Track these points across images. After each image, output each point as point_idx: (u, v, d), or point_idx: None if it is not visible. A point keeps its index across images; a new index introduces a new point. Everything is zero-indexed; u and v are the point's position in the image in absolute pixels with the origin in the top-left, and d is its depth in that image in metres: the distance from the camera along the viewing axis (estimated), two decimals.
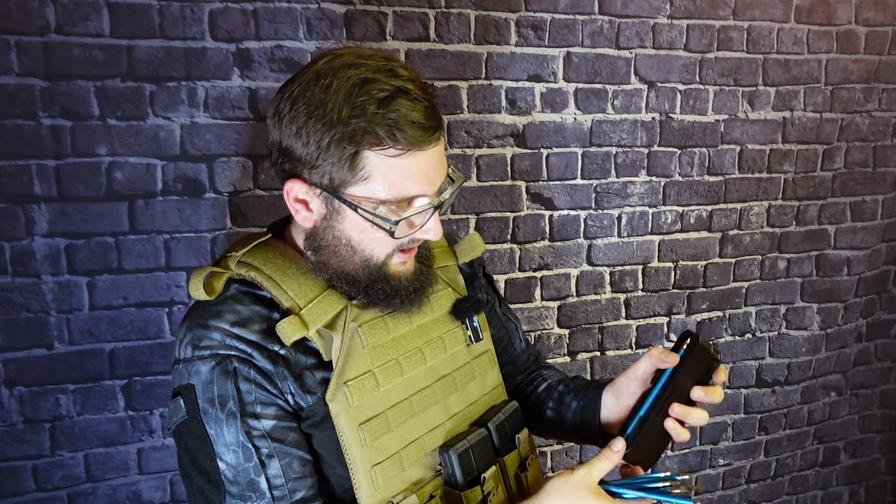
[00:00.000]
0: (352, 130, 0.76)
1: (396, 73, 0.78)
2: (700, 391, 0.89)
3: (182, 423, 0.81)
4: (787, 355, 2.13)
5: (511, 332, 1.12)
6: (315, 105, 0.77)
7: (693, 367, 0.89)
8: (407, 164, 0.77)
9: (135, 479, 1.55)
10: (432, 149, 0.79)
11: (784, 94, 1.93)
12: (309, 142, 0.78)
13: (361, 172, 0.77)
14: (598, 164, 1.80)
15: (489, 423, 0.92)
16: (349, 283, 0.84)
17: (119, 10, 1.37)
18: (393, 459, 0.84)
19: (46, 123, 1.37)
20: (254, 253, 0.86)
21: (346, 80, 0.76)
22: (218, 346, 0.80)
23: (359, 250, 0.82)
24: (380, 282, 0.84)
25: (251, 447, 0.79)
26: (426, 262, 0.91)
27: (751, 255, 2.02)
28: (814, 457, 2.28)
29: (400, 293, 0.85)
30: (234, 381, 0.79)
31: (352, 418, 0.82)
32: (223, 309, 0.82)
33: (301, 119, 0.78)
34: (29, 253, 1.40)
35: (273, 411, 0.80)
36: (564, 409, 1.04)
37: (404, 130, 0.76)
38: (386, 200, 0.78)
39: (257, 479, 0.79)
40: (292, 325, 0.80)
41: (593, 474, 0.83)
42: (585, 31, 1.71)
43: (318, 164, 0.78)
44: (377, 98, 0.76)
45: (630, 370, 0.93)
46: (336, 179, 0.78)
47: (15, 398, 1.44)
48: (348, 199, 0.79)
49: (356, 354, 0.84)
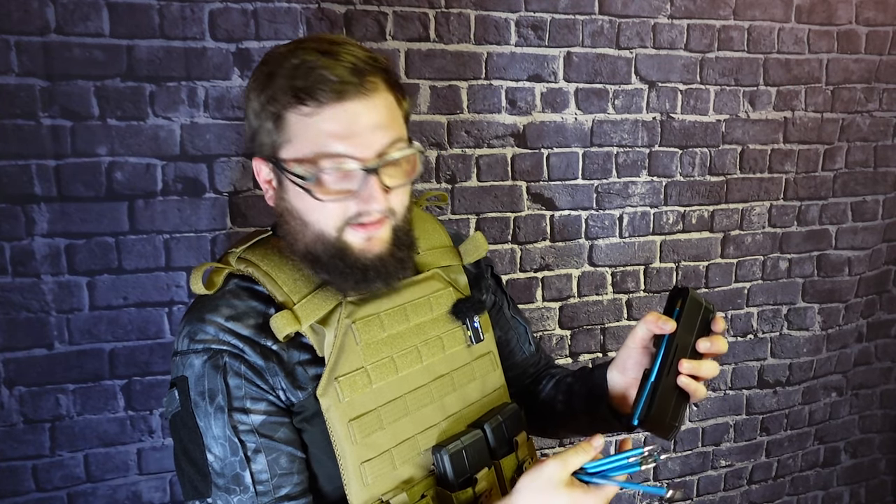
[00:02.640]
0: (273, 93, 0.78)
1: (334, 42, 0.80)
2: (706, 342, 0.86)
3: (176, 413, 0.82)
4: (789, 356, 2.13)
5: (520, 336, 1.11)
6: (254, 80, 0.82)
7: (690, 321, 0.86)
8: (322, 120, 0.77)
9: (135, 479, 1.55)
10: (355, 105, 0.77)
11: (785, 94, 1.93)
12: (251, 114, 0.82)
13: (286, 134, 0.79)
14: (599, 165, 1.80)
15: (486, 424, 0.92)
16: (312, 261, 0.83)
17: (119, 10, 1.37)
18: (384, 457, 0.84)
19: (46, 123, 1.36)
20: (253, 249, 0.87)
21: (282, 56, 0.80)
22: (211, 340, 0.81)
23: (308, 221, 0.81)
24: (335, 258, 0.81)
25: (237, 441, 0.79)
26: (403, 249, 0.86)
27: (752, 255, 2.02)
28: (815, 457, 2.28)
29: (356, 271, 0.82)
30: (223, 377, 0.80)
31: (342, 414, 0.82)
32: (220, 303, 0.83)
33: (248, 96, 0.83)
34: (29, 253, 1.40)
35: (263, 406, 0.81)
36: (574, 398, 1.02)
37: (319, 87, 0.76)
38: (304, 158, 0.78)
39: (242, 472, 0.79)
40: (285, 319, 0.80)
41: (568, 467, 0.78)
42: (586, 31, 1.71)
43: (258, 134, 0.81)
44: (300, 59, 0.78)
45: (629, 340, 0.90)
46: (268, 145, 0.81)
47: (15, 398, 1.44)
48: (282, 164, 0.80)
49: (349, 350, 0.84)
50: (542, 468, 0.78)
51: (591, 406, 0.98)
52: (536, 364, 1.14)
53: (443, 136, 1.64)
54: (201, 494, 0.80)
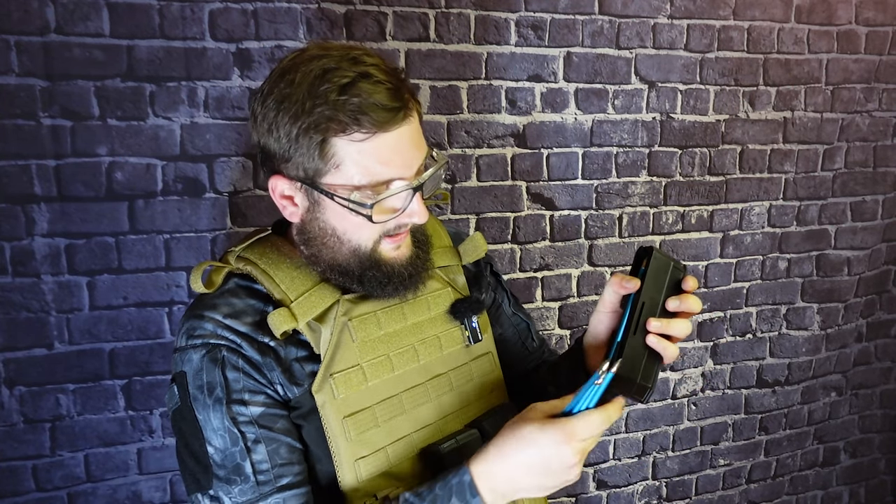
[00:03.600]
0: (316, 119, 0.77)
1: (359, 59, 0.79)
2: (675, 300, 0.85)
3: (176, 408, 0.83)
4: (788, 355, 2.13)
5: (522, 332, 1.11)
6: (281, 100, 0.79)
7: (658, 281, 0.86)
8: (375, 147, 0.78)
9: (135, 479, 1.55)
10: (400, 129, 0.79)
11: (784, 94, 1.93)
12: (280, 136, 0.79)
13: (333, 160, 0.78)
14: (598, 164, 1.80)
15: (483, 423, 0.92)
16: (342, 273, 0.85)
17: (119, 10, 1.37)
18: (379, 454, 0.85)
19: (46, 123, 1.37)
20: (252, 248, 0.88)
21: (309, 72, 0.78)
22: (209, 335, 0.82)
23: (345, 239, 0.83)
24: (372, 269, 0.84)
25: (237, 432, 0.80)
26: (423, 248, 0.91)
27: (751, 255, 2.02)
28: (814, 457, 2.28)
29: (393, 279, 0.86)
30: (221, 370, 0.81)
31: (337, 410, 0.83)
32: (219, 302, 0.84)
33: (271, 116, 0.80)
34: (29, 253, 1.40)
35: (261, 399, 0.82)
36: (560, 377, 1.03)
37: (367, 113, 0.76)
38: (360, 186, 0.79)
39: (243, 463, 0.80)
40: (282, 316, 0.82)
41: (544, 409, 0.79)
42: (586, 31, 1.71)
43: (292, 156, 0.80)
44: (339, 84, 0.77)
45: (598, 305, 0.91)
46: (310, 170, 0.80)
47: (15, 398, 1.44)
48: (324, 188, 0.80)
49: (345, 348, 0.85)
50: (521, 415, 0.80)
51: (571, 376, 0.99)
52: (539, 357, 1.14)
53: (443, 136, 1.64)
54: (203, 487, 0.81)
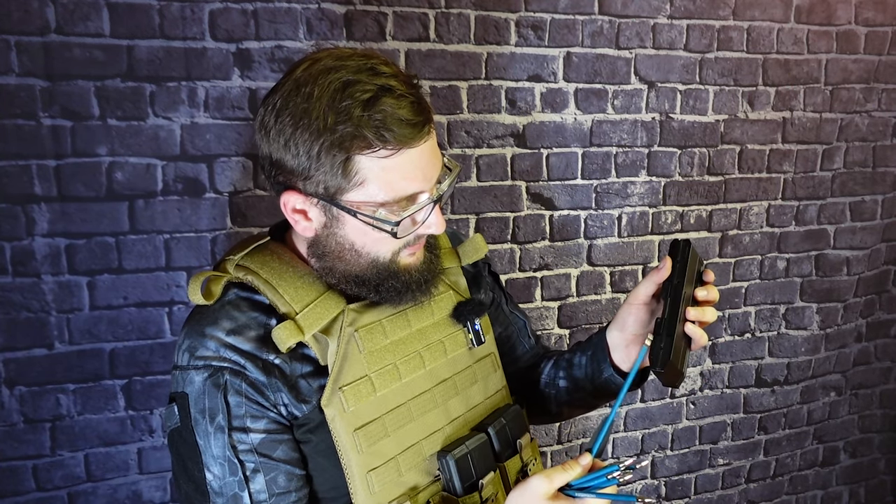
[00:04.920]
0: (340, 137, 0.74)
1: (378, 70, 0.77)
2: (703, 291, 0.89)
3: (175, 429, 0.81)
4: (787, 355, 2.13)
5: (519, 330, 1.11)
6: (300, 115, 0.75)
7: (691, 272, 0.90)
8: (400, 163, 0.76)
9: (135, 478, 1.55)
10: (424, 144, 0.78)
11: (784, 94, 1.93)
12: (299, 153, 0.76)
13: (356, 177, 0.76)
14: (598, 164, 1.80)
15: (490, 427, 0.92)
16: (359, 284, 0.84)
17: (119, 10, 1.37)
18: (389, 465, 0.84)
19: (46, 123, 1.37)
20: (252, 256, 0.86)
21: (328, 86, 0.75)
22: (212, 356, 0.80)
23: (363, 253, 0.82)
24: (390, 279, 0.84)
25: (237, 462, 0.79)
26: (434, 251, 0.91)
27: (750, 254, 2.02)
28: (813, 456, 2.28)
29: (411, 287, 0.85)
30: (223, 395, 0.79)
31: (347, 424, 0.81)
32: (220, 315, 0.82)
33: (288, 131, 0.76)
34: (29, 253, 1.40)
35: (263, 425, 0.80)
36: (575, 369, 1.03)
37: (393, 130, 0.74)
38: (385, 202, 0.77)
39: (241, 493, 0.79)
40: (287, 330, 0.80)
41: (554, 483, 0.77)
42: (585, 31, 1.71)
43: (312, 174, 0.77)
44: (361, 100, 0.74)
45: (630, 297, 0.92)
46: (331, 187, 0.77)
47: (15, 398, 1.44)
48: (346, 205, 0.78)
49: (352, 359, 0.83)
50: (528, 483, 0.78)
51: (594, 370, 0.99)
52: (536, 356, 1.14)
53: (443, 136, 1.64)
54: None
